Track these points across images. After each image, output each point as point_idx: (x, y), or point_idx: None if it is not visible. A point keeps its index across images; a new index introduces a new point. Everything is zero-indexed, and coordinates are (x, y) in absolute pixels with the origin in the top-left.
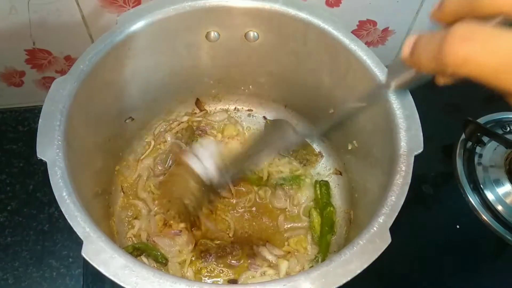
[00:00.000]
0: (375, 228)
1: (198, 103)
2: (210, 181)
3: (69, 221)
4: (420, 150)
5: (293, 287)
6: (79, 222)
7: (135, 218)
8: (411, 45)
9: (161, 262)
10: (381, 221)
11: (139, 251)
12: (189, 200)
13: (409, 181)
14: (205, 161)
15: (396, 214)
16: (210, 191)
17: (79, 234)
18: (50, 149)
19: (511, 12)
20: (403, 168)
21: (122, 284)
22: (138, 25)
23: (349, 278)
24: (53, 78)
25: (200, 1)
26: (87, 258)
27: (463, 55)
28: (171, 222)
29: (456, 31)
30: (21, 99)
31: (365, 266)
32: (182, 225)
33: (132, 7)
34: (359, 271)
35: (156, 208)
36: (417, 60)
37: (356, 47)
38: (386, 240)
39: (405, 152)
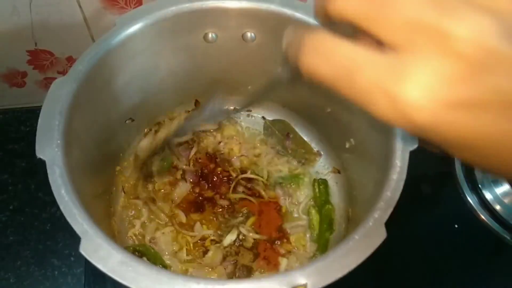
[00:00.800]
0: (370, 223)
1: (197, 103)
2: None
3: (67, 218)
4: (415, 146)
5: (288, 283)
6: (77, 219)
7: (136, 217)
8: (286, 38)
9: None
10: (376, 216)
11: (139, 253)
12: None
13: (404, 176)
14: None
15: (392, 209)
16: None
17: (77, 231)
18: (49, 147)
19: (354, 21)
20: (398, 164)
21: (120, 280)
22: (136, 26)
23: (344, 273)
24: (55, 79)
25: (197, 3)
26: (85, 255)
27: (310, 67)
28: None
29: (308, 42)
30: (23, 100)
31: (361, 261)
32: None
33: (133, 8)
34: (354, 266)
35: (155, 208)
36: (287, 56)
37: None
38: (381, 235)
39: (400, 148)
